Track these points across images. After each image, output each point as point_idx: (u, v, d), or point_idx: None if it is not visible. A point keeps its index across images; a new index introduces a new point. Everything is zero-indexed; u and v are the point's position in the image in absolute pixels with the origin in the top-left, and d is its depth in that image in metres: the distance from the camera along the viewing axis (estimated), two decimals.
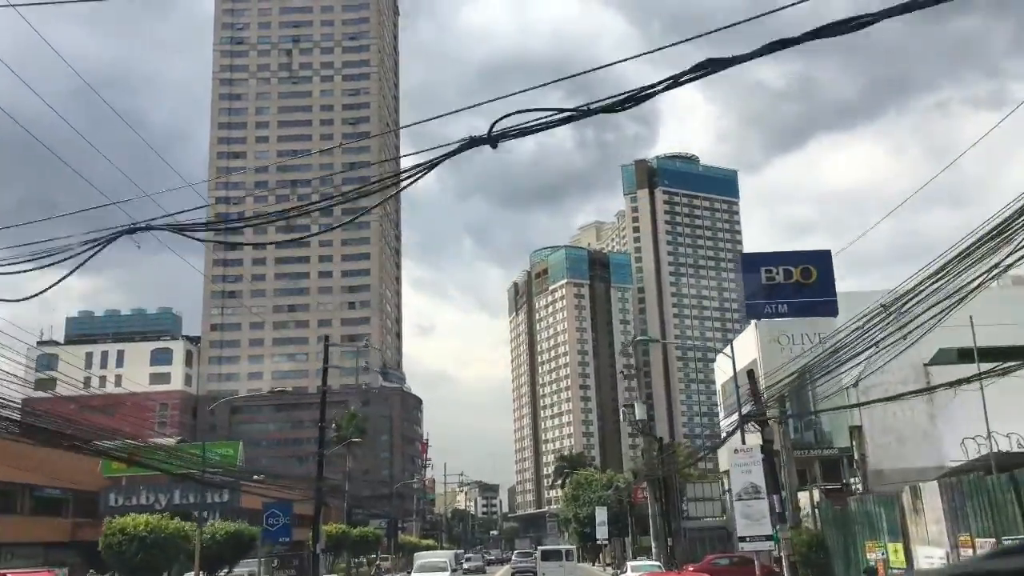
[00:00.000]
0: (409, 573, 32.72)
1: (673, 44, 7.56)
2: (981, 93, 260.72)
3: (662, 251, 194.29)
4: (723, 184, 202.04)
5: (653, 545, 42.12)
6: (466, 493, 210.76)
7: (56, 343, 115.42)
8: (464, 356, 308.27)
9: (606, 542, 59.87)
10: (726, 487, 44.16)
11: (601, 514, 60.27)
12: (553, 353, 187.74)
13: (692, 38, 7.57)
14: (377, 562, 38.76)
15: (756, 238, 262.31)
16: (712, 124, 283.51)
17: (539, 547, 57.41)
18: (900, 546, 18.54)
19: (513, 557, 66.69)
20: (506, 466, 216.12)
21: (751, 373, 23.11)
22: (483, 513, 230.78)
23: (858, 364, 21.64)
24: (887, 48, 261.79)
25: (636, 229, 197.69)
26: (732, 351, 25.76)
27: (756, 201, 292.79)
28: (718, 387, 61.35)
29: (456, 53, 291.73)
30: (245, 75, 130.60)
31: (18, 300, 10.04)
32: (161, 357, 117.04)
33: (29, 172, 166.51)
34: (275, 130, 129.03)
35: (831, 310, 27.86)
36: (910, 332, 14.49)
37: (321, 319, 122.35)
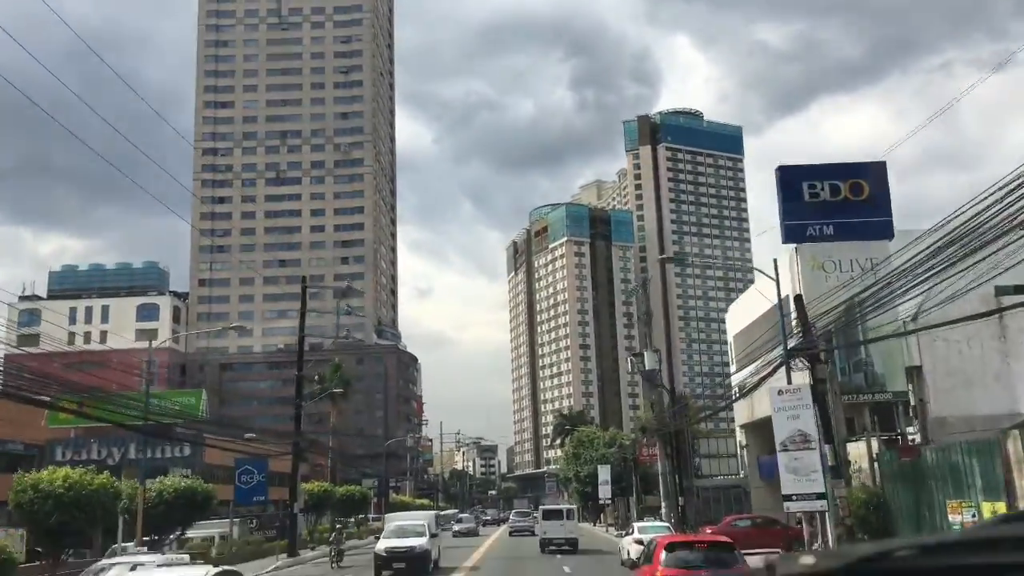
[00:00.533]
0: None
1: None
2: (985, 55, 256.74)
3: (664, 209, 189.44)
4: (728, 141, 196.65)
5: (663, 505, 38.31)
6: (464, 453, 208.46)
7: (39, 298, 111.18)
8: (463, 319, 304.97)
9: (609, 502, 56.28)
10: (744, 443, 40.26)
11: (604, 473, 56.59)
12: (553, 312, 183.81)
13: None
14: (338, 527, 34.34)
15: (757, 199, 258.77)
16: (713, 85, 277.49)
17: (540, 506, 54.06)
18: (1002, 505, 14.45)
19: (511, 517, 65.17)
20: (504, 427, 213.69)
21: (799, 298, 18.87)
22: (481, 473, 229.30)
23: (921, 292, 17.48)
24: (891, 8, 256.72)
25: (638, 187, 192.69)
26: (776, 271, 21.41)
27: (756, 164, 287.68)
28: (729, 339, 57.30)
29: (454, 13, 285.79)
30: (232, 21, 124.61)
31: None
32: (147, 313, 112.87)
33: (22, 133, 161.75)
34: (264, 79, 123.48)
35: (886, 231, 23.56)
36: None
37: (313, 274, 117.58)
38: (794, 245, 24.88)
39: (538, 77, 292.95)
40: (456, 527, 48.77)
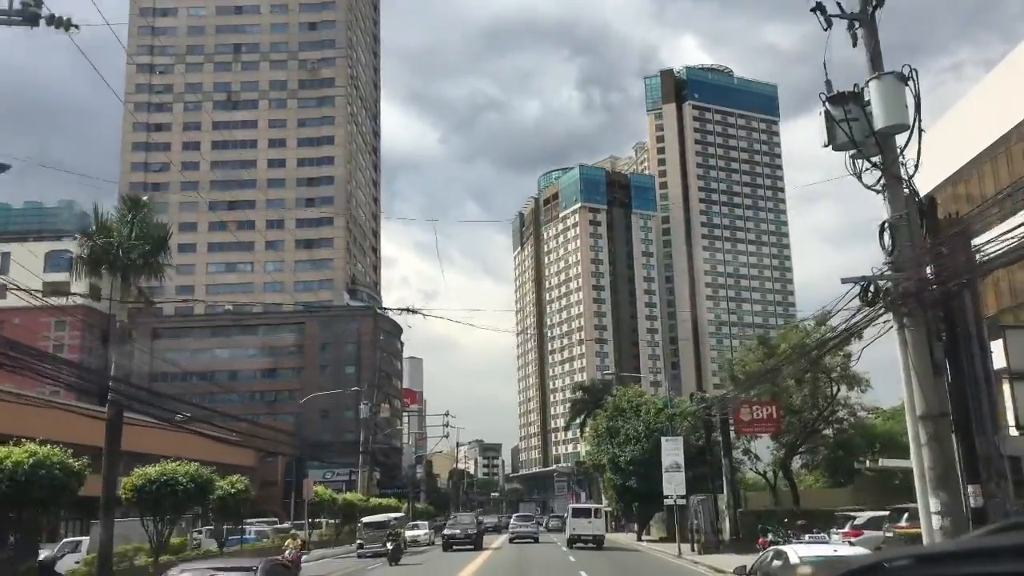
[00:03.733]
0: None
1: None
2: (996, 56, 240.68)
3: (691, 174, 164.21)
4: (762, 100, 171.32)
5: (935, 499, 13.01)
6: (464, 452, 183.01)
7: None
8: (468, 322, 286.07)
9: (683, 501, 30.88)
10: None
11: (672, 450, 31.18)
12: (564, 290, 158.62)
13: None
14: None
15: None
16: None
17: (571, 505, 47.17)
18: None
19: (512, 521, 53.81)
20: (510, 429, 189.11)
21: None
22: (484, 474, 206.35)
23: None
24: (901, 9, 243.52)
25: (660, 150, 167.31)
26: None
27: None
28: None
29: (459, 14, 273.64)
30: None
31: None
32: (58, 261, 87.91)
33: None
34: None
35: None
36: None
37: (270, 219, 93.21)
38: None
39: (544, 77, 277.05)
40: None
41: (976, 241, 13.83)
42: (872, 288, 14.36)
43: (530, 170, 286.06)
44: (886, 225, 14.04)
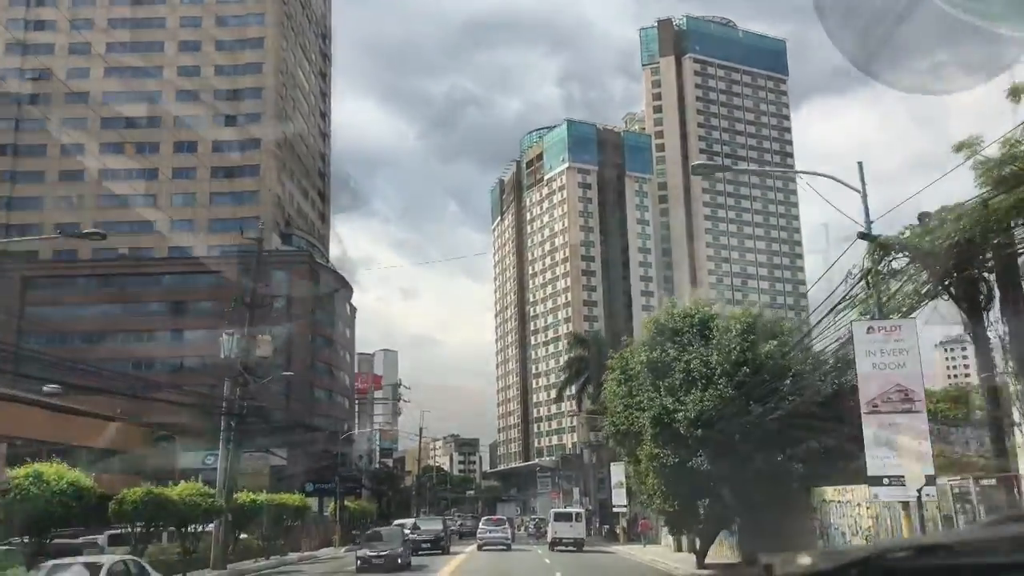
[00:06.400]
0: None
1: None
2: (975, 58, 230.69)
3: (691, 134, 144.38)
4: (769, 56, 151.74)
5: None
6: (420, 433, 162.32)
7: None
8: (448, 321, 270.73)
9: (931, 489, 10.53)
10: None
11: (896, 353, 10.97)
12: (549, 261, 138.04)
13: None
14: None
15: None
16: None
17: (552, 510, 43.16)
18: None
19: (480, 525, 44.67)
20: (490, 429, 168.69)
21: None
22: (460, 471, 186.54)
23: None
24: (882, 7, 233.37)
25: (657, 108, 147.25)
26: None
27: None
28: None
29: (436, 8, 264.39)
30: None
31: None
32: None
33: None
34: None
35: None
36: None
37: (179, 140, 71.93)
38: None
39: (524, 73, 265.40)
40: None
41: None
42: None
43: (510, 168, 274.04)
44: None
